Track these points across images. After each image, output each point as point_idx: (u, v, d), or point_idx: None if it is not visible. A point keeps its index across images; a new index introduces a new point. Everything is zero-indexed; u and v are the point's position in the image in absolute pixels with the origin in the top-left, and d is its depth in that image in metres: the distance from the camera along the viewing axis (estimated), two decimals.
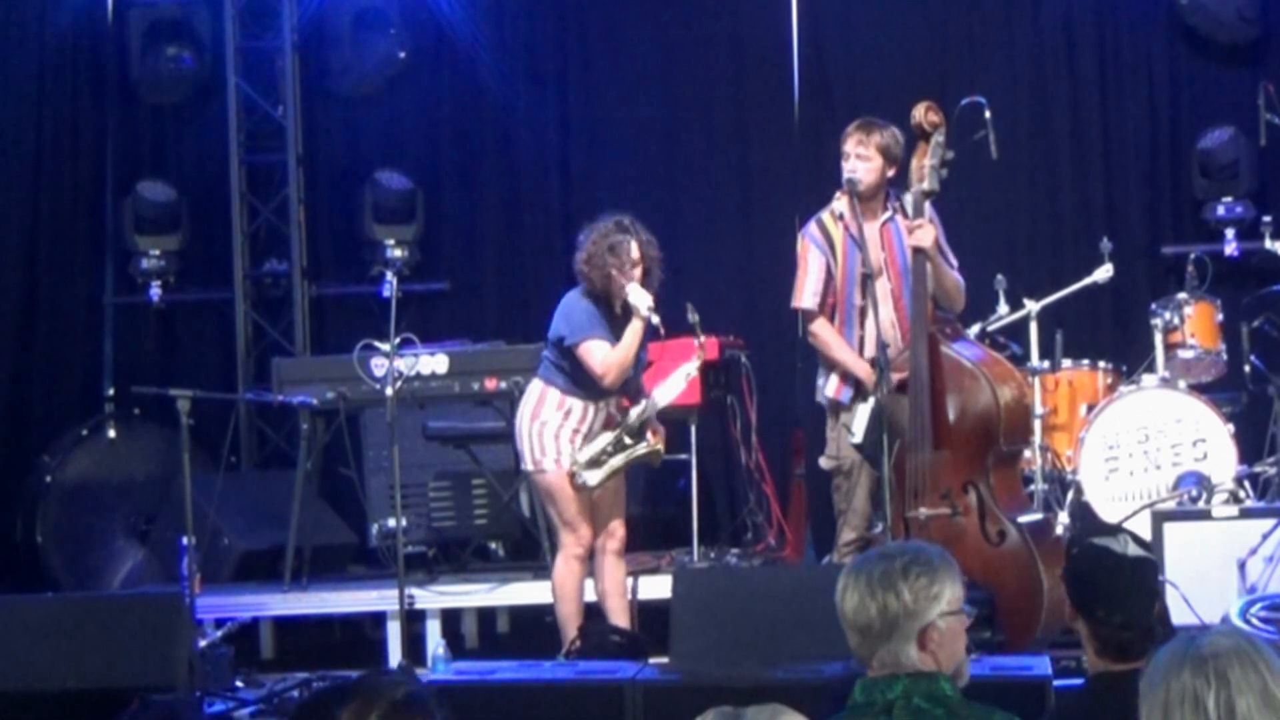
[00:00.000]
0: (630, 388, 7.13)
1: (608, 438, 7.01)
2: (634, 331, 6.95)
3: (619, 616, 7.14)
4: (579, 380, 7.03)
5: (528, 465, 7.12)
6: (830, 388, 7.07)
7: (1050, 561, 6.74)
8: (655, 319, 6.92)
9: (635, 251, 6.99)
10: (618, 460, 7.01)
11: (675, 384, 7.12)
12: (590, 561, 7.16)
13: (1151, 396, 8.21)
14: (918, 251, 6.88)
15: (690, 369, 7.15)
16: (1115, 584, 4.01)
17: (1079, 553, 4.17)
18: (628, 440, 7.02)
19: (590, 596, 7.23)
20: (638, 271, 7.00)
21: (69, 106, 10.10)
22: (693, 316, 7.11)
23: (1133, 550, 4.07)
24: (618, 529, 7.16)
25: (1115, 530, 4.30)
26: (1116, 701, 3.72)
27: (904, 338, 6.99)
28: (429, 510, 8.79)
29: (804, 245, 7.14)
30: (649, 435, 7.07)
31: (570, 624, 7.08)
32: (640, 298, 6.93)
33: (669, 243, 9.54)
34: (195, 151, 10.16)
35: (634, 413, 7.04)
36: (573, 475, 6.96)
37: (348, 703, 3.38)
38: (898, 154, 7.03)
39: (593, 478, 6.97)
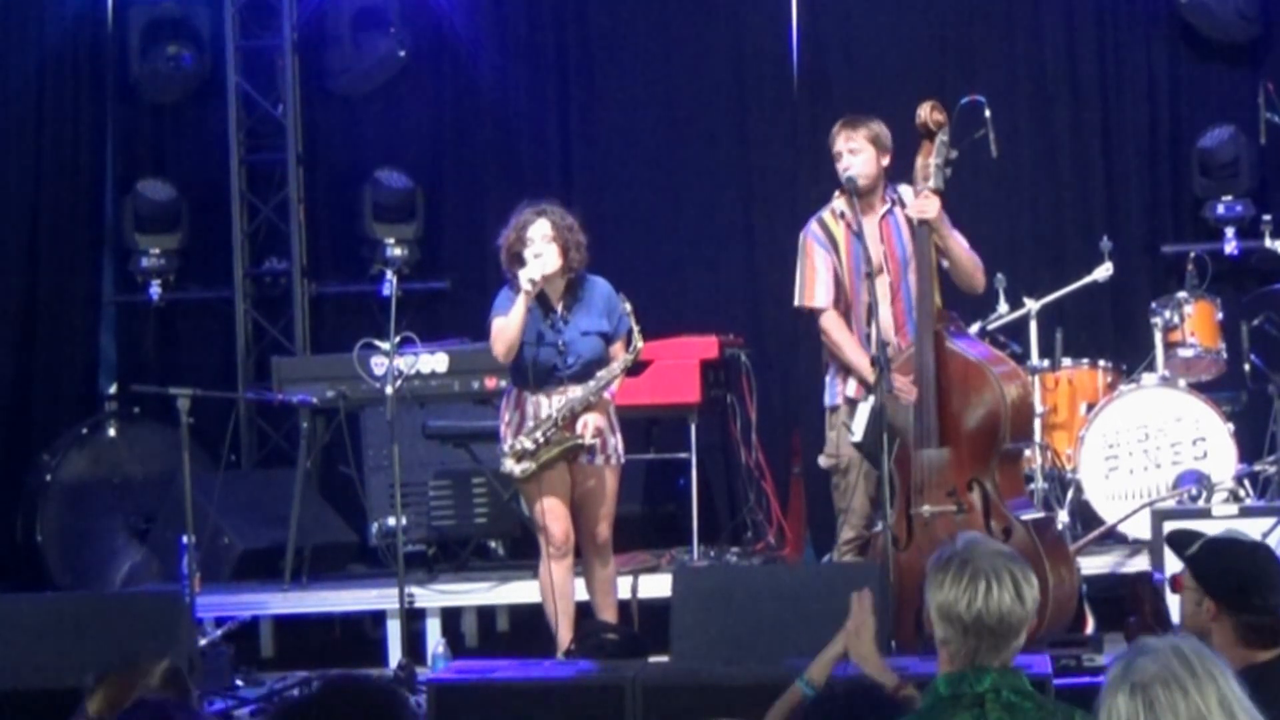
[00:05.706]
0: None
1: (540, 428, 6.90)
2: (518, 303, 6.83)
3: (606, 614, 7.12)
4: (513, 373, 7.03)
5: None
6: (850, 388, 6.96)
7: (1055, 559, 6.73)
8: (527, 285, 6.76)
9: (547, 231, 6.89)
10: (552, 452, 6.87)
11: (614, 377, 7.00)
12: (579, 561, 7.15)
13: (1151, 395, 8.21)
14: (922, 224, 6.85)
15: (617, 367, 6.98)
16: (1259, 569, 3.95)
17: (1207, 551, 4.02)
18: (555, 434, 6.89)
19: (583, 596, 7.21)
20: (551, 250, 6.88)
21: (69, 106, 10.09)
22: (625, 305, 6.98)
23: (1247, 538, 4.03)
24: (600, 531, 7.09)
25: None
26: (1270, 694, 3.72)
27: (899, 334, 6.96)
28: (429, 509, 8.79)
29: (808, 244, 7.08)
30: (578, 427, 6.89)
31: (557, 624, 7.06)
32: (529, 271, 6.81)
33: (670, 243, 9.65)
34: (195, 150, 10.16)
35: (560, 404, 6.91)
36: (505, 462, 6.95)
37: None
38: (887, 142, 6.99)
39: (518, 469, 6.89)
